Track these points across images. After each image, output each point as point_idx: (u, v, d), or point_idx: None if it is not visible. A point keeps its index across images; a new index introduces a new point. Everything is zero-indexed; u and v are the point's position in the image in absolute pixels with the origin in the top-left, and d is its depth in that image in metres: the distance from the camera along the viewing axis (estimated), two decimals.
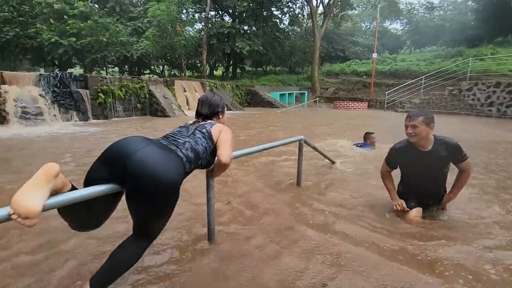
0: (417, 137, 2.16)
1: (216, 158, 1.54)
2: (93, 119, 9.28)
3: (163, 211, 1.24)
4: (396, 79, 19.07)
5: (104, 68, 24.84)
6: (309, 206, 2.72)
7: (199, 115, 1.68)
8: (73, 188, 1.17)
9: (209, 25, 20.90)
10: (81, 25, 17.79)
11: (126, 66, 24.42)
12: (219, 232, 2.16)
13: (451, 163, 2.26)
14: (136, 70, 24.31)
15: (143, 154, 1.14)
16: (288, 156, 4.70)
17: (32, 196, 0.94)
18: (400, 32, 34.69)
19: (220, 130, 1.53)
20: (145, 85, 11.08)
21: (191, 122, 1.60)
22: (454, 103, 13.62)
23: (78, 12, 18.18)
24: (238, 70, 27.42)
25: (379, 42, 23.19)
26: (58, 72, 9.60)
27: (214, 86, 15.01)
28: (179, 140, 1.38)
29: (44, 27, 18.01)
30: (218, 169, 1.62)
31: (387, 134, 6.62)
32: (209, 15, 21.36)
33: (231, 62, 26.12)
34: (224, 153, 1.46)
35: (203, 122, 1.58)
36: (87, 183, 1.23)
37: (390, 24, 36.43)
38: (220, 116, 1.71)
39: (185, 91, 13.27)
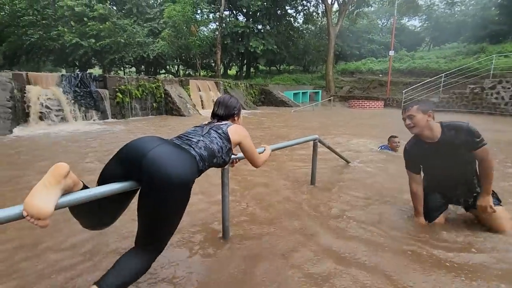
0: (416, 127, 2.04)
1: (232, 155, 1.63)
2: (112, 118, 9.56)
3: (173, 210, 1.22)
4: (414, 77, 18.54)
5: (122, 69, 25.54)
6: (322, 206, 2.71)
7: (215, 115, 1.71)
8: (85, 187, 1.18)
9: (223, 24, 21.06)
10: (100, 26, 18.36)
11: (143, 66, 24.99)
12: (233, 229, 2.19)
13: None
14: (152, 70, 24.85)
15: (156, 153, 1.16)
16: (302, 155, 4.68)
17: (43, 198, 0.96)
18: (419, 28, 33.64)
19: (238, 134, 1.57)
20: (161, 84, 11.30)
21: (206, 122, 1.63)
22: (475, 102, 13.10)
23: (97, 14, 18.77)
24: (251, 70, 27.48)
25: (396, 40, 22.59)
26: (78, 72, 9.96)
27: (228, 85, 15.11)
28: (193, 139, 1.39)
29: (65, 29, 18.72)
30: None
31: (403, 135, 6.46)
32: (223, 14, 21.51)
33: (245, 62, 26.21)
34: (255, 165, 1.75)
35: (218, 123, 1.60)
36: (102, 181, 1.25)
37: (408, 20, 35.37)
38: (236, 118, 1.74)
39: (199, 90, 13.44)
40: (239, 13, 24.60)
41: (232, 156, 1.76)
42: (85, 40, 18.75)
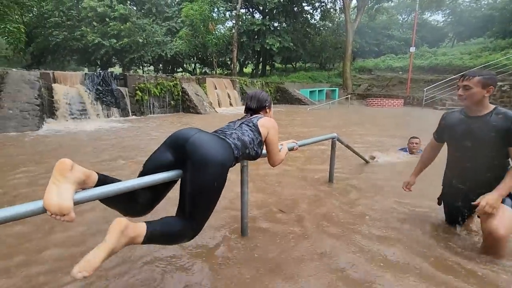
0: (469, 101, 1.81)
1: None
2: (132, 115, 9.86)
3: (209, 187, 1.31)
4: (436, 75, 17.87)
5: (141, 67, 26.18)
6: (340, 204, 2.69)
7: (248, 109, 1.84)
8: (101, 176, 1.22)
9: (240, 22, 21.11)
10: (121, 27, 18.90)
11: (161, 65, 25.51)
12: (252, 227, 2.21)
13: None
14: (170, 68, 25.32)
15: (196, 138, 1.35)
16: (320, 153, 4.65)
17: (58, 194, 1.01)
18: (442, 24, 32.30)
19: (267, 126, 1.66)
20: (178, 83, 11.52)
21: (240, 118, 1.77)
22: (504, 100, 12.48)
23: (118, 14, 19.32)
24: (267, 67, 27.41)
25: (417, 35, 21.84)
26: (100, 71, 10.32)
27: (244, 83, 15.18)
28: (227, 132, 1.55)
29: (88, 29, 19.40)
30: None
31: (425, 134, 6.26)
32: (240, 12, 21.56)
33: (261, 59, 26.18)
34: (272, 162, 1.80)
35: (250, 117, 1.72)
36: (148, 166, 1.38)
37: (430, 15, 34.07)
38: (267, 110, 1.87)
39: (216, 88, 13.58)
40: (256, 11, 24.57)
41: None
42: (106, 40, 19.37)
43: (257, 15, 24.25)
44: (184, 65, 26.30)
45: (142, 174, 1.37)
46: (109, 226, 1.06)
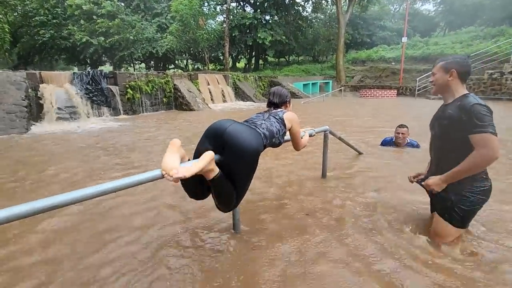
0: (435, 87, 1.81)
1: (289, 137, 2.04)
2: (123, 114, 9.70)
3: (244, 169, 1.60)
4: (429, 64, 17.89)
5: (132, 65, 25.81)
6: (333, 200, 2.66)
7: (270, 103, 2.07)
8: (188, 159, 1.59)
9: (231, 16, 20.84)
10: (110, 24, 18.52)
11: (152, 62, 25.17)
12: (243, 223, 2.18)
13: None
14: (161, 65, 24.99)
15: (232, 128, 1.58)
16: (313, 147, 4.62)
17: (171, 160, 1.38)
18: (433, 13, 32.36)
19: (290, 120, 1.93)
20: (170, 79, 11.35)
21: (264, 110, 2.01)
22: (494, 88, 12.58)
23: (105, 11, 18.91)
24: (260, 62, 27.23)
25: (409, 25, 21.82)
26: (90, 70, 10.11)
27: (236, 78, 15.04)
28: (257, 123, 1.77)
29: (75, 28, 18.99)
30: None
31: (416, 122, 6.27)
32: (231, 6, 21.27)
33: (253, 54, 25.97)
34: (297, 148, 2.10)
35: (275, 110, 1.98)
36: (196, 153, 1.63)
37: (422, 5, 34.12)
38: (288, 104, 2.14)
39: (208, 84, 13.43)
40: (247, 4, 24.28)
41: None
42: (94, 38, 18.98)
43: (248, 9, 23.97)
44: (176, 62, 25.99)
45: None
46: (203, 155, 1.43)
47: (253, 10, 22.65)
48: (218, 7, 22.63)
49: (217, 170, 1.51)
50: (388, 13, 31.56)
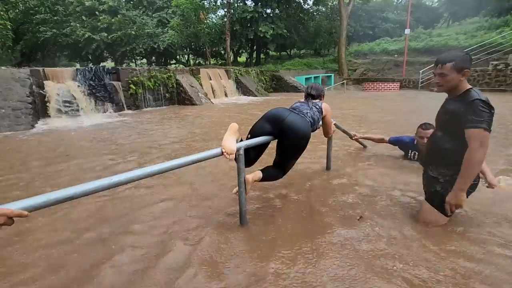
0: (445, 87, 1.80)
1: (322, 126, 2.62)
2: (127, 109, 9.74)
3: (298, 152, 2.18)
4: (432, 56, 17.72)
5: (133, 60, 25.78)
6: (338, 192, 2.70)
7: (308, 95, 2.51)
8: (241, 139, 2.11)
9: (232, 10, 20.69)
10: (112, 20, 18.48)
11: (153, 57, 25.13)
12: (250, 215, 2.22)
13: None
14: (163, 60, 24.95)
15: (289, 119, 2.07)
16: (317, 139, 4.64)
17: (230, 141, 1.82)
18: (436, 4, 31.90)
19: (326, 109, 2.45)
20: (172, 75, 11.35)
21: (303, 100, 2.48)
22: (499, 79, 12.46)
23: (107, 7, 18.87)
24: (262, 56, 27.07)
25: (412, 17, 21.55)
26: (92, 66, 10.13)
27: (238, 72, 14.99)
28: (305, 112, 2.24)
29: (77, 24, 18.97)
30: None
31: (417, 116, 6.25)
32: (231, 0, 21.09)
33: (255, 48, 25.81)
34: (327, 134, 2.78)
35: (314, 101, 2.45)
36: (252, 133, 2.13)
37: None
38: (322, 97, 2.57)
39: (210, 79, 13.41)
40: None
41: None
42: (96, 34, 18.97)
43: (249, 2, 23.73)
44: (177, 57, 25.93)
45: (251, 138, 2.08)
46: (245, 178, 1.98)
47: (254, 4, 22.43)
48: (219, 1, 22.46)
49: (260, 176, 2.10)
50: (391, 4, 31.13)
